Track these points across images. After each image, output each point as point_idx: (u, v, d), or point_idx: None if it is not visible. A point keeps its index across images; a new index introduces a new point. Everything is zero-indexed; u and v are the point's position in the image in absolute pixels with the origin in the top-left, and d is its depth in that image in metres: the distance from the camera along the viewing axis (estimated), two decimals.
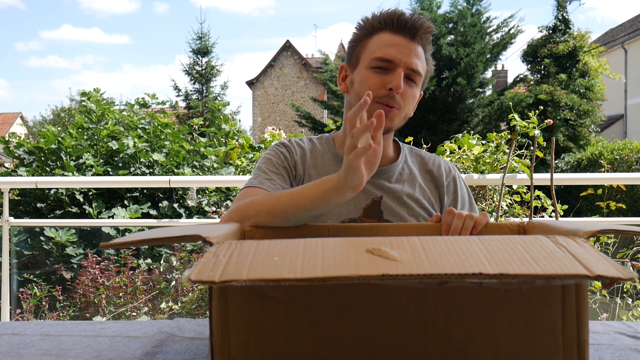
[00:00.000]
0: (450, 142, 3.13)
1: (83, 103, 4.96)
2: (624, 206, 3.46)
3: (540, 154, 2.84)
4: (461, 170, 2.95)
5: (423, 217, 1.26)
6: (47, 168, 4.49)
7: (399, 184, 1.28)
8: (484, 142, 3.07)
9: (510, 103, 5.66)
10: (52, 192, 4.31)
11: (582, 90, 13.83)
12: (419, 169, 1.33)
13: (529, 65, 15.10)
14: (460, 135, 3.19)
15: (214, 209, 4.08)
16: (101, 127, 4.75)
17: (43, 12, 76.62)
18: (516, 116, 2.76)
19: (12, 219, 2.85)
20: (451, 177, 1.33)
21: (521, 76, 14.58)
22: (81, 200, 4.26)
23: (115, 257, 3.52)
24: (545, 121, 2.78)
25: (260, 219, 1.02)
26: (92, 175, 4.45)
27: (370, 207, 1.24)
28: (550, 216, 2.96)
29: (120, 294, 3.29)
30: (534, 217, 2.89)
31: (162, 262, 3.70)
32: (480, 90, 13.32)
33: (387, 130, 1.23)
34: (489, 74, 14.21)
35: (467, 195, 1.34)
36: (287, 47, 25.87)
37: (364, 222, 1.22)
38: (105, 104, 4.90)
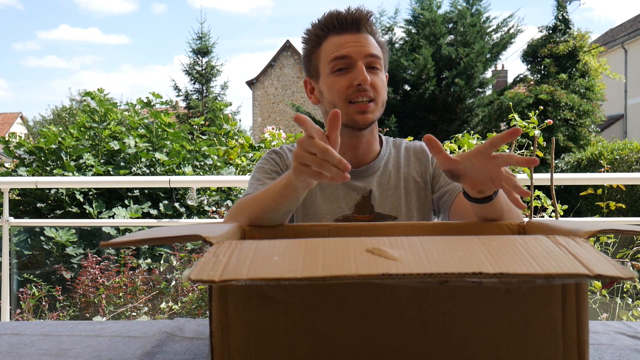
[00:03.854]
0: (450, 142, 3.13)
1: (85, 102, 4.96)
2: (624, 206, 3.46)
3: (540, 154, 2.84)
4: None
5: (414, 203, 1.28)
6: (47, 168, 4.49)
7: (386, 174, 1.30)
8: (483, 142, 3.07)
9: (510, 103, 5.66)
10: (52, 192, 4.31)
11: (582, 90, 13.83)
12: (403, 153, 1.34)
13: (529, 65, 15.11)
14: (460, 135, 3.19)
15: (214, 208, 4.08)
16: (103, 128, 4.75)
17: (41, 13, 76.77)
18: (516, 116, 2.76)
19: (12, 219, 2.85)
20: None
21: (521, 76, 14.59)
22: (81, 200, 4.26)
23: (115, 257, 3.52)
24: (545, 121, 2.78)
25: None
26: (93, 175, 4.45)
27: (360, 203, 1.27)
28: (550, 216, 2.96)
29: (120, 294, 3.29)
30: (534, 217, 2.89)
31: (162, 262, 3.70)
32: (480, 90, 13.33)
33: (370, 123, 1.24)
34: (488, 74, 14.22)
35: None
36: (287, 47, 25.87)
37: (357, 218, 1.25)
38: (108, 104, 4.91)
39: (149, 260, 3.92)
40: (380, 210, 1.26)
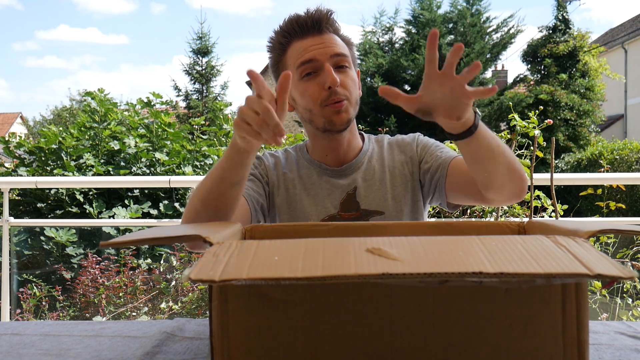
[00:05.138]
0: (450, 142, 3.13)
1: (86, 102, 4.96)
2: (624, 206, 3.46)
3: (540, 154, 2.84)
4: None
5: (402, 196, 1.26)
6: (47, 168, 4.49)
7: (370, 169, 1.29)
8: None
9: (510, 103, 5.66)
10: (52, 192, 4.31)
11: (582, 90, 13.82)
12: (387, 148, 1.33)
13: (529, 65, 15.09)
14: None
15: None
16: (103, 128, 4.76)
17: (40, 13, 76.89)
18: (516, 116, 2.76)
19: (12, 219, 2.85)
20: (417, 137, 1.33)
21: (521, 76, 14.58)
22: (81, 200, 4.26)
23: (115, 257, 3.52)
24: (545, 121, 2.78)
25: (201, 213, 1.03)
26: (93, 175, 4.45)
27: (346, 200, 1.26)
28: (550, 216, 2.95)
29: (120, 294, 3.30)
30: (534, 217, 2.88)
31: (162, 262, 3.70)
32: None
33: (347, 122, 1.23)
34: (489, 74, 14.21)
35: (432, 141, 1.32)
36: None
37: (343, 216, 1.24)
38: (109, 104, 4.91)
39: (149, 260, 3.92)
40: (366, 206, 1.25)
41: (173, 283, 3.32)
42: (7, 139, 4.65)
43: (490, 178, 1.06)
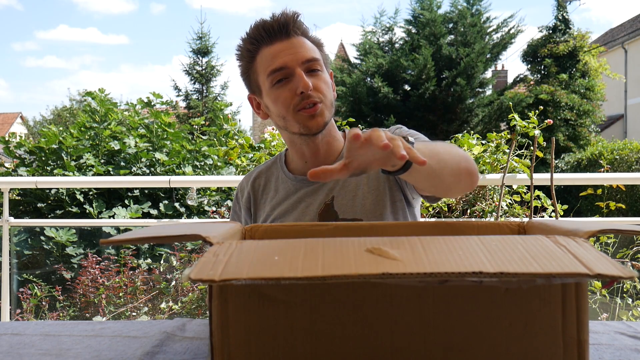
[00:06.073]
0: (450, 142, 3.13)
1: (86, 102, 4.97)
2: (624, 206, 3.46)
3: (540, 154, 2.84)
4: None
5: (381, 199, 1.21)
6: (47, 168, 4.49)
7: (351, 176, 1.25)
8: (483, 142, 3.07)
9: (510, 103, 5.67)
10: (52, 192, 4.31)
11: (582, 91, 13.82)
12: None
13: (529, 65, 15.08)
14: (460, 135, 3.19)
15: (214, 208, 4.08)
16: (104, 128, 4.76)
17: (39, 13, 76.97)
18: (516, 116, 2.76)
19: (12, 219, 2.84)
20: (396, 131, 1.23)
21: (521, 76, 14.58)
22: (81, 200, 4.26)
23: (116, 257, 3.52)
24: (545, 121, 2.78)
25: None
26: (93, 175, 4.45)
27: (324, 211, 1.23)
28: (550, 216, 2.95)
29: (120, 294, 3.30)
30: (534, 217, 2.88)
31: (162, 262, 3.70)
32: (480, 90, 13.31)
33: (323, 125, 1.21)
34: (489, 74, 14.20)
35: (414, 134, 1.22)
36: None
37: None
38: (109, 104, 4.91)
39: (149, 260, 3.92)
40: (344, 215, 1.22)
41: (173, 283, 3.32)
42: (7, 139, 4.65)
43: (437, 188, 1.08)
